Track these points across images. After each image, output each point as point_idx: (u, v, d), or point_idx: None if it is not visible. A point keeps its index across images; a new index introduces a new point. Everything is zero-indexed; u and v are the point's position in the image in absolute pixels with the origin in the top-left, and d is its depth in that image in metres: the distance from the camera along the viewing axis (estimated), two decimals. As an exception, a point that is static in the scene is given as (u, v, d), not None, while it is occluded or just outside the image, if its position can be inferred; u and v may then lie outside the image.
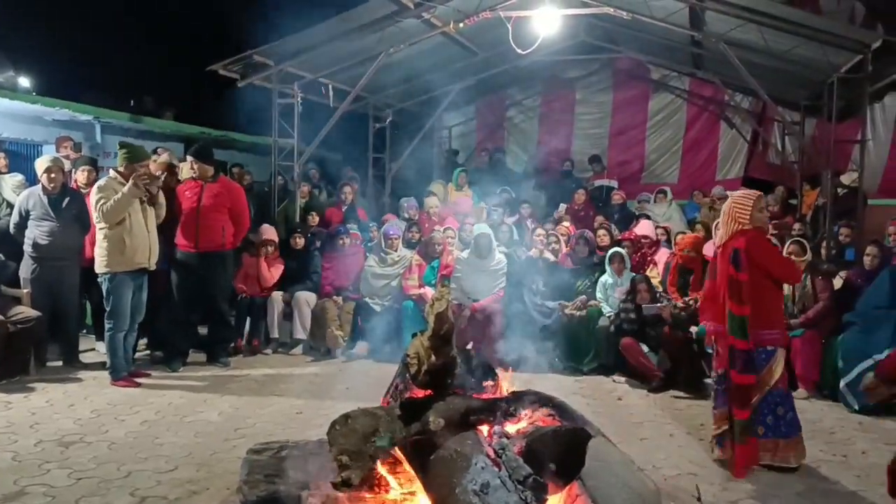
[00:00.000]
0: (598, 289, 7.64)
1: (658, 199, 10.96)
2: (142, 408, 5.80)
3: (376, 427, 3.17)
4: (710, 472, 4.58)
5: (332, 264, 8.50)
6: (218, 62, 9.35)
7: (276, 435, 4.93)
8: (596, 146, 13.33)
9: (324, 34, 9.18)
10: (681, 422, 5.74)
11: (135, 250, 6.35)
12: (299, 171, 10.06)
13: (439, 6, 8.87)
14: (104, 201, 6.24)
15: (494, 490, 2.97)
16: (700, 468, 4.63)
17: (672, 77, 12.99)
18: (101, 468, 4.45)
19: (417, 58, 10.55)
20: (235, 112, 11.80)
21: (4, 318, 6.43)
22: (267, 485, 3.57)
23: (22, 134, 9.66)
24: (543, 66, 12.00)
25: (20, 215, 6.94)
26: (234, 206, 7.45)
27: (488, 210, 9.99)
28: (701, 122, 13.08)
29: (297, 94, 9.98)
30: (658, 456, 4.82)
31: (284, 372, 7.28)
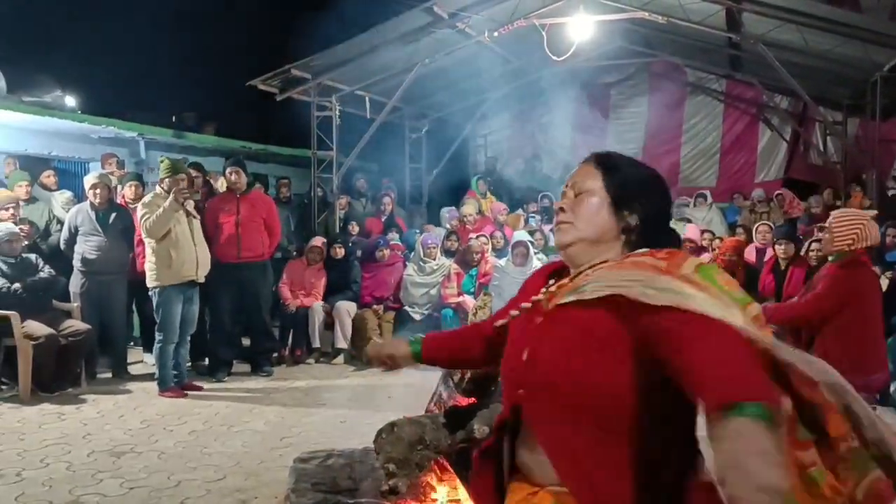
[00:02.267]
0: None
1: (698, 202, 10.86)
2: (189, 418, 5.91)
3: (422, 435, 3.21)
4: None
5: (371, 274, 8.59)
6: (257, 77, 9.52)
7: (321, 444, 4.99)
8: (631, 151, 13.23)
9: (360, 47, 9.30)
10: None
11: (182, 263, 6.48)
12: (338, 183, 10.18)
13: (473, 16, 8.93)
14: (148, 216, 6.40)
15: (539, 497, 2.98)
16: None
17: (709, 79, 12.87)
18: (151, 478, 4.55)
19: (452, 67, 10.62)
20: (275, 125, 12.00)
21: (56, 331, 6.61)
22: (314, 493, 3.63)
23: (70, 152, 9.92)
24: (578, 72, 11.99)
25: (69, 231, 7.15)
26: (269, 216, 7.59)
27: (526, 217, 9.99)
28: (739, 124, 12.93)
29: (335, 107, 10.10)
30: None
31: (327, 381, 7.36)
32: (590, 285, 1.58)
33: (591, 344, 1.54)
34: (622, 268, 1.59)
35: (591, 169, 1.76)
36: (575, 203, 1.73)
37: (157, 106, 12.36)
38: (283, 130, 12.42)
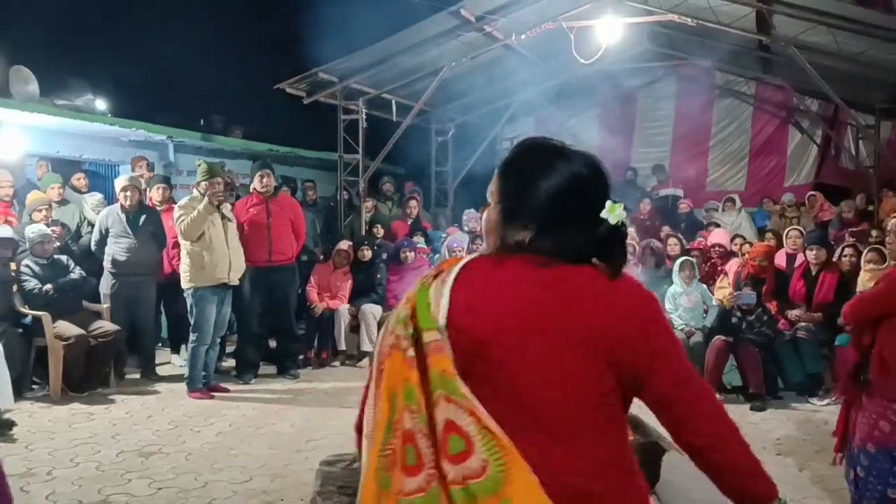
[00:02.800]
0: (668, 299, 7.51)
1: (726, 207, 10.74)
2: (216, 419, 5.95)
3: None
4: (789, 487, 4.45)
5: (397, 277, 8.59)
6: (285, 81, 9.58)
7: (346, 447, 4.96)
8: (658, 154, 13.15)
9: (387, 50, 9.32)
10: (756, 436, 5.58)
11: (215, 265, 6.53)
12: (364, 186, 10.20)
13: (501, 19, 8.91)
14: (183, 218, 6.46)
15: None
16: (779, 483, 4.45)
17: (738, 82, 12.73)
18: (179, 478, 4.58)
19: (479, 70, 10.61)
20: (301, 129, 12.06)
21: (86, 332, 6.69)
22: (340, 496, 3.61)
23: (100, 155, 10.05)
24: (605, 75, 11.90)
25: (100, 233, 7.23)
26: (296, 219, 7.63)
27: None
28: (768, 127, 12.76)
29: (361, 110, 10.14)
30: (733, 471, 4.71)
31: (352, 384, 7.35)
32: None
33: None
34: None
35: None
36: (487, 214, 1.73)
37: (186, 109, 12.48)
38: (310, 133, 12.48)
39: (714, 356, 6.66)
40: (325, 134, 11.03)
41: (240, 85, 14.34)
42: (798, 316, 6.93)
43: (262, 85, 10.52)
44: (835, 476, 4.61)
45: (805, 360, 6.69)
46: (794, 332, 6.83)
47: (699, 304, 7.33)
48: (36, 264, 6.78)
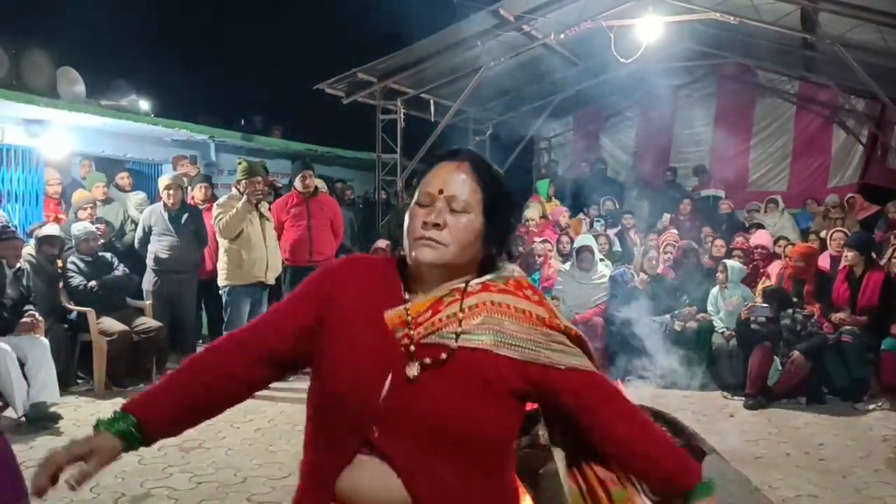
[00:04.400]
0: (710, 301, 7.42)
1: (769, 208, 10.56)
2: (255, 416, 6.01)
3: (487, 439, 3.18)
4: (831, 493, 4.37)
5: (434, 277, 8.59)
6: (324, 81, 9.65)
7: (383, 445, 5.00)
8: (699, 154, 12.98)
9: (425, 50, 9.35)
10: (798, 441, 5.50)
11: (252, 264, 6.60)
12: (402, 186, 10.25)
13: (540, 18, 8.87)
14: (221, 217, 6.54)
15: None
16: (821, 490, 4.43)
17: (781, 81, 12.51)
18: (219, 473, 4.65)
19: (517, 70, 10.58)
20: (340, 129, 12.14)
21: (130, 328, 6.82)
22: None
23: (144, 154, 10.24)
24: (644, 74, 11.78)
25: (143, 231, 7.37)
26: (335, 219, 7.69)
27: (590, 221, 9.89)
28: (812, 127, 12.50)
29: (399, 110, 10.17)
30: (775, 476, 4.64)
31: (389, 382, 7.38)
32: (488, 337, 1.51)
33: (486, 388, 1.51)
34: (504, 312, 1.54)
35: (468, 179, 1.55)
36: (453, 221, 1.52)
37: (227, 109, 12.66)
38: (349, 133, 12.56)
39: (759, 359, 6.57)
40: (363, 134, 11.09)
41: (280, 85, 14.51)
42: (843, 319, 6.79)
43: (301, 85, 10.62)
44: (879, 483, 4.52)
45: (850, 364, 6.55)
46: (838, 336, 6.70)
47: (740, 306, 7.22)
48: (81, 261, 6.93)
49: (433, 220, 1.51)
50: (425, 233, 1.52)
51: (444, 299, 1.55)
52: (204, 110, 11.65)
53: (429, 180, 1.56)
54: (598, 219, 9.95)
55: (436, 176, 1.56)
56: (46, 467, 1.50)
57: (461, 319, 1.52)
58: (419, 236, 1.52)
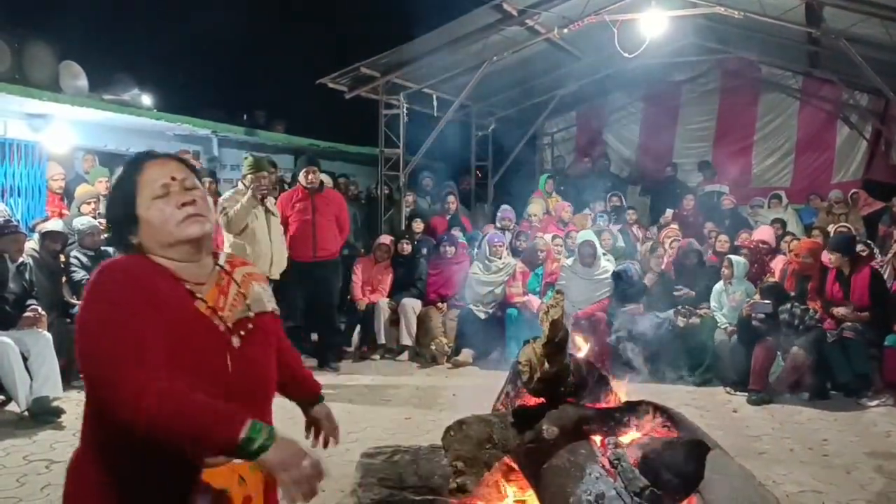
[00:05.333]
0: (713, 297, 7.41)
1: (772, 203, 10.54)
2: (258, 410, 6.01)
3: (490, 434, 3.19)
4: (835, 489, 4.36)
5: (437, 271, 8.60)
6: (326, 76, 9.63)
7: (386, 440, 5.01)
8: (702, 150, 12.96)
9: (428, 45, 9.31)
10: (802, 436, 5.50)
11: (257, 259, 6.56)
12: (405, 181, 10.23)
13: (544, 13, 8.85)
14: (227, 211, 6.53)
15: (610, 501, 2.92)
16: (825, 485, 4.42)
17: (784, 76, 12.47)
18: (222, 467, 4.64)
19: (520, 65, 10.56)
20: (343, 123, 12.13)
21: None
22: (381, 488, 3.64)
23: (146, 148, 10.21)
24: (647, 70, 11.76)
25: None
26: (341, 214, 7.67)
27: (594, 217, 9.88)
28: (815, 122, 12.47)
29: (402, 105, 10.15)
30: (778, 471, 4.63)
31: (392, 378, 7.40)
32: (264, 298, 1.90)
33: (273, 343, 1.93)
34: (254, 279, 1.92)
35: (182, 166, 1.81)
36: (199, 196, 1.77)
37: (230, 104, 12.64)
38: (351, 128, 12.54)
39: (761, 356, 6.55)
40: (366, 129, 11.07)
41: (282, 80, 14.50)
42: (844, 315, 6.77)
43: (304, 80, 10.61)
44: (883, 479, 4.51)
45: (853, 359, 6.54)
46: (840, 332, 6.68)
47: (743, 302, 7.21)
48: (84, 256, 6.93)
49: (187, 200, 1.73)
50: (190, 210, 1.73)
51: (220, 283, 1.82)
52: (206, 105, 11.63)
53: (152, 178, 1.74)
54: (602, 214, 9.93)
55: (155, 172, 1.75)
56: None
57: (244, 294, 1.84)
58: (184, 216, 1.72)
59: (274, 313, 1.93)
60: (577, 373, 3.54)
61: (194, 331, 1.71)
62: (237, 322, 1.79)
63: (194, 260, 1.78)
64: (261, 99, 13.88)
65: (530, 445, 3.24)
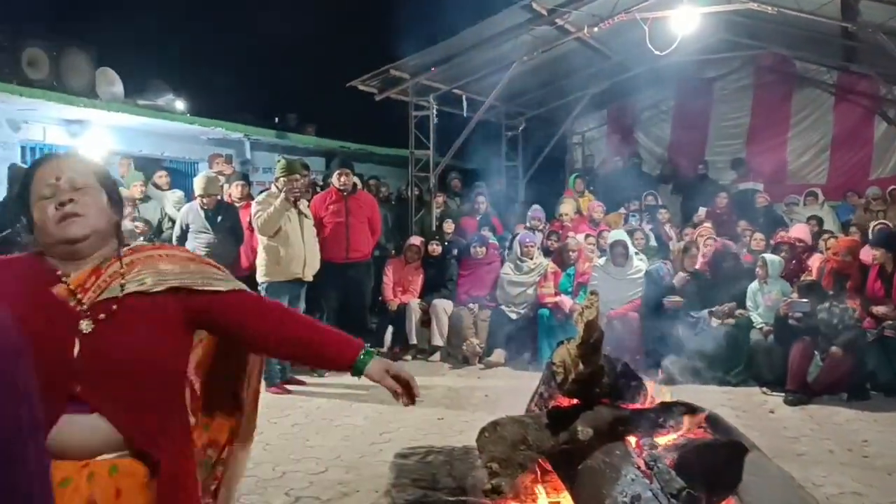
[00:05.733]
0: (748, 297, 7.32)
1: (808, 201, 10.38)
2: (292, 411, 6.07)
3: (525, 435, 3.18)
4: (876, 491, 4.28)
5: (469, 272, 8.61)
6: (356, 78, 9.68)
7: (419, 440, 5.03)
8: (734, 147, 12.80)
9: (458, 46, 9.32)
10: (841, 437, 5.40)
11: (290, 261, 6.63)
12: (435, 182, 10.25)
13: (573, 12, 8.81)
14: (260, 214, 6.59)
15: (646, 503, 2.90)
16: (866, 487, 4.34)
17: (819, 72, 12.27)
18: (257, 468, 4.69)
19: (550, 64, 10.52)
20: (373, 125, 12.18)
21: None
22: (415, 489, 3.65)
23: (180, 153, 10.39)
24: (679, 67, 11.64)
25: (181, 229, 7.45)
26: (373, 216, 7.71)
27: (626, 216, 9.81)
28: (852, 118, 12.24)
29: (432, 106, 10.17)
30: (817, 473, 4.56)
31: (424, 378, 7.36)
32: (149, 278, 1.79)
33: (158, 326, 1.78)
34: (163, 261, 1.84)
35: (78, 162, 1.83)
36: (79, 195, 1.75)
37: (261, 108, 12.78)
38: (381, 130, 12.60)
39: (800, 355, 6.46)
40: (395, 130, 11.12)
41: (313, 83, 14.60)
42: (885, 313, 6.64)
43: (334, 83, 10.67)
44: (927, 481, 4.42)
45: (894, 359, 6.42)
46: (881, 331, 6.56)
47: (779, 301, 7.11)
48: (121, 259, 7.03)
49: (64, 199, 1.73)
50: (67, 209, 1.73)
51: (103, 266, 1.79)
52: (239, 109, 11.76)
53: (40, 178, 1.76)
54: (634, 214, 9.85)
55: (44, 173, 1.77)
56: None
57: (123, 274, 1.78)
58: (60, 217, 1.73)
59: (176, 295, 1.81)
60: (611, 374, 3.52)
61: (37, 317, 1.66)
62: (95, 305, 1.73)
63: (77, 259, 1.77)
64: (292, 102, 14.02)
65: (565, 447, 3.23)
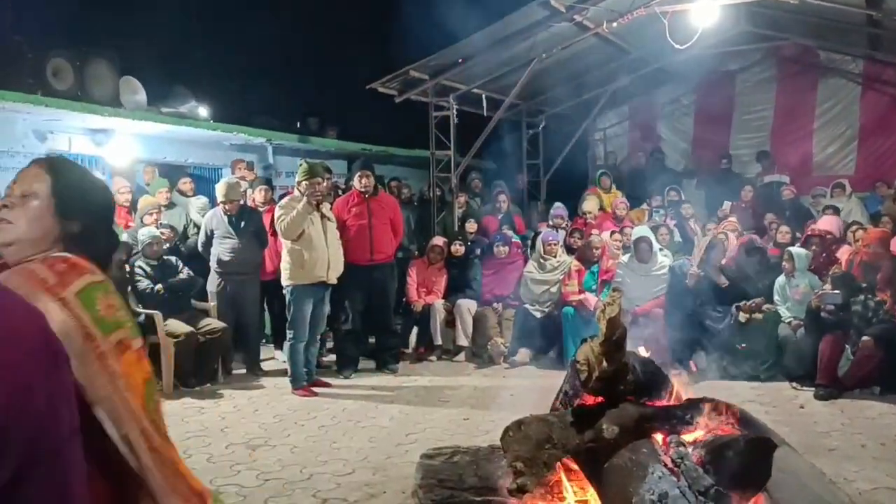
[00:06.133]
0: (776, 291, 7.23)
1: (835, 193, 10.23)
2: (319, 413, 6.10)
3: (550, 434, 3.17)
4: (910, 486, 4.21)
5: (492, 272, 8.59)
6: (376, 80, 9.71)
7: (445, 440, 5.02)
8: (758, 140, 12.64)
9: (476, 45, 9.30)
10: (873, 432, 5.32)
11: (314, 264, 6.66)
12: (456, 182, 10.24)
13: (592, 7, 8.76)
14: (283, 218, 6.63)
15: (674, 501, 2.88)
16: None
17: (844, 61, 12.08)
18: (285, 470, 4.72)
19: (569, 61, 10.48)
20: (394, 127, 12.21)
21: (195, 329, 6.98)
22: (442, 489, 3.65)
23: (204, 159, 10.48)
24: (700, 61, 11.52)
25: (206, 234, 7.53)
26: (395, 217, 7.72)
27: (650, 211, 9.74)
28: (879, 107, 12.02)
29: (452, 106, 10.17)
30: (849, 468, 4.49)
31: (449, 379, 7.41)
32: None
33: None
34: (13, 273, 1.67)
35: (40, 172, 1.79)
36: (19, 203, 1.75)
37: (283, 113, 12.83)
38: (402, 131, 12.61)
39: (829, 348, 6.37)
40: (416, 132, 11.13)
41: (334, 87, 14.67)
42: None
43: (354, 86, 10.70)
44: (963, 475, 4.33)
45: (926, 352, 6.30)
46: (913, 323, 6.44)
47: (808, 295, 7.02)
48: (147, 265, 7.12)
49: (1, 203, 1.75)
50: None
51: None
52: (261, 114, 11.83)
53: None
54: (658, 209, 9.77)
55: None
56: None
57: None
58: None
59: None
60: (636, 371, 3.50)
61: None
62: None
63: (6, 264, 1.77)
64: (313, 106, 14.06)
65: (590, 445, 3.21)
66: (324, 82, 15.50)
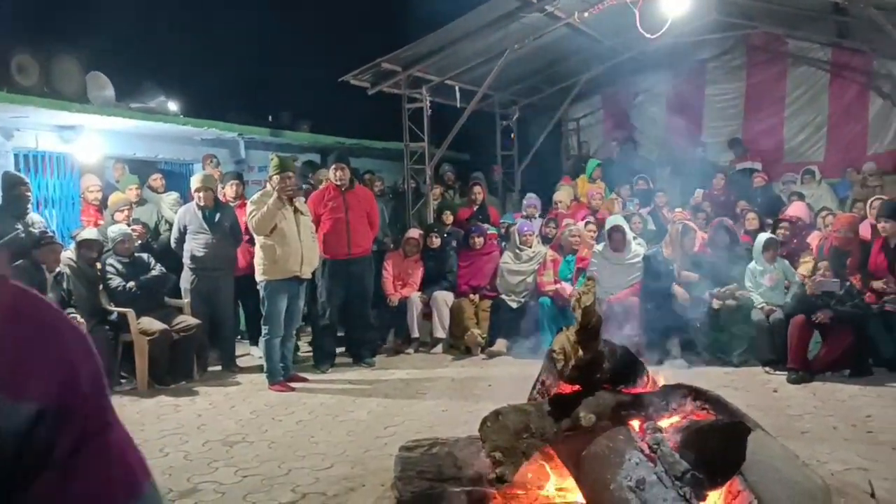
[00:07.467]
0: (747, 277, 7.30)
1: (805, 179, 10.36)
2: (296, 408, 6.07)
3: (527, 423, 3.18)
4: (882, 466, 4.28)
5: (468, 263, 8.60)
6: (348, 73, 9.64)
7: (423, 433, 5.02)
8: (730, 128, 12.77)
9: (448, 36, 9.28)
10: (844, 414, 5.41)
11: (287, 258, 6.62)
12: (431, 174, 10.22)
13: (562, -3, 8.77)
14: (254, 213, 6.57)
15: (651, 486, 2.91)
16: (871, 462, 4.34)
17: (813, 49, 12.22)
18: (263, 466, 4.70)
19: (542, 52, 10.48)
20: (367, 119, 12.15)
21: (169, 327, 6.91)
22: (421, 481, 3.65)
23: (175, 154, 10.35)
24: (671, 50, 11.59)
25: (179, 230, 7.45)
26: (371, 211, 7.69)
27: (622, 201, 9.78)
28: (847, 94, 12.19)
29: (425, 98, 10.14)
30: (822, 450, 4.56)
31: (427, 371, 7.42)
32: None
33: None
34: None
35: None
36: None
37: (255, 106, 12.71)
38: (376, 124, 12.56)
39: (798, 333, 6.45)
40: (390, 124, 11.08)
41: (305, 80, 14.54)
42: (884, 288, 6.62)
43: (326, 78, 10.62)
44: (932, 454, 4.42)
45: (895, 334, 6.41)
46: (881, 306, 6.55)
47: (780, 281, 7.10)
48: (119, 263, 7.04)
49: None
50: None
51: None
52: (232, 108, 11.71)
53: None
54: (631, 198, 9.83)
55: None
56: None
57: None
58: None
59: None
60: (611, 359, 3.52)
61: None
62: None
63: None
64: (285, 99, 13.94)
65: (568, 433, 3.23)
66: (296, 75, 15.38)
